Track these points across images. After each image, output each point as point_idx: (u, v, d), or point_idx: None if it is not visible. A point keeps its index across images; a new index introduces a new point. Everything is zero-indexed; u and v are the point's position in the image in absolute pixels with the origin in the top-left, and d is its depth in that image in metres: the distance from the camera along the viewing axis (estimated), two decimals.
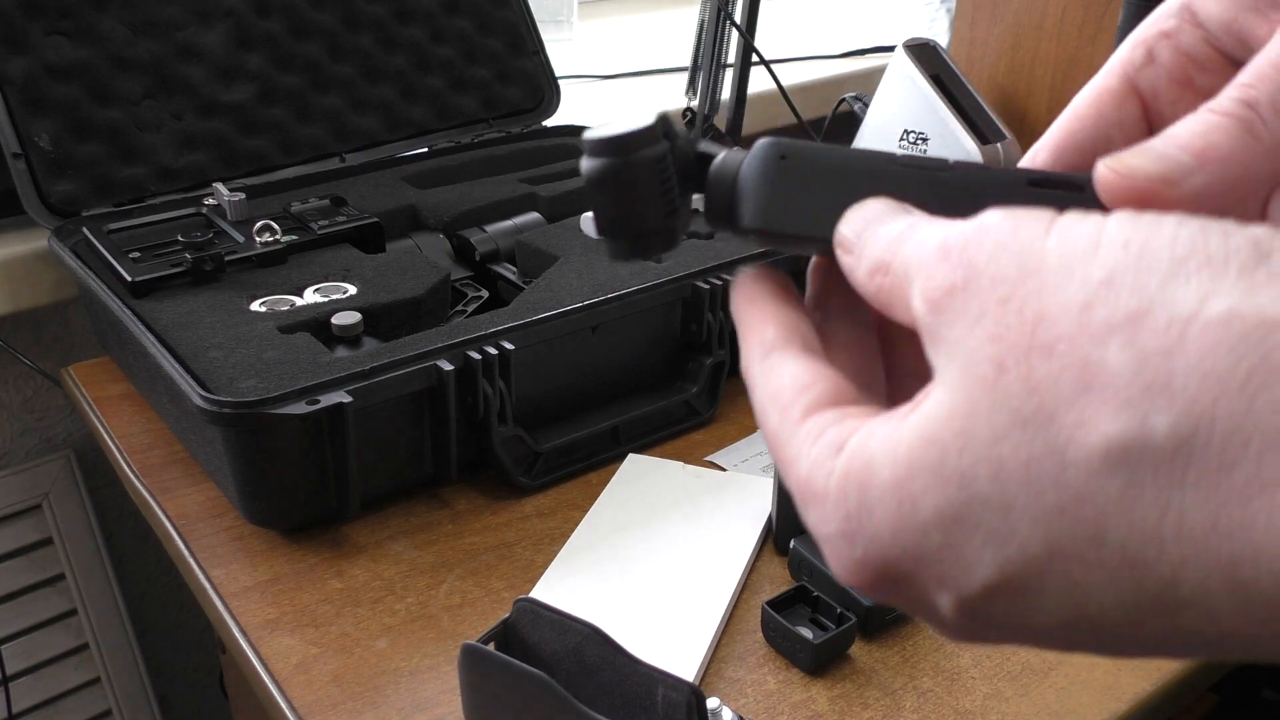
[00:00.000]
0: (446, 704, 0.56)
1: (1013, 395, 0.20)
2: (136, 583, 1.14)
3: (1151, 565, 0.19)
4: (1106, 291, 0.20)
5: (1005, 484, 0.20)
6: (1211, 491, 0.18)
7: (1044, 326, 0.20)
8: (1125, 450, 0.19)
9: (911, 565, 0.22)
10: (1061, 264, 0.20)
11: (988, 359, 0.21)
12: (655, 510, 0.69)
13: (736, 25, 1.13)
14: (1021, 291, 0.21)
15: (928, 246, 0.23)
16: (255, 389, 0.64)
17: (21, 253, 0.91)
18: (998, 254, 0.21)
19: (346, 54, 1.01)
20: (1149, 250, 0.20)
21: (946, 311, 0.22)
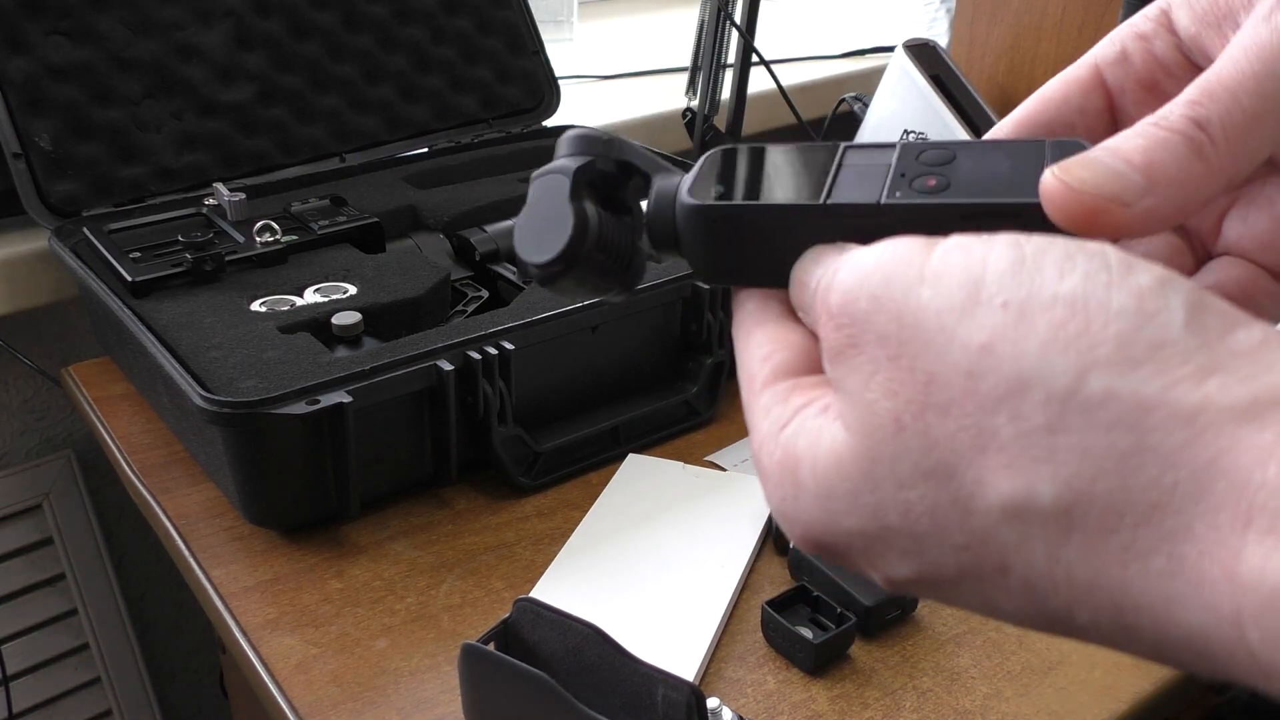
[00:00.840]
0: (446, 704, 0.56)
1: (913, 449, 0.22)
2: (136, 583, 1.14)
3: (1050, 596, 0.21)
4: (987, 358, 0.21)
5: (914, 522, 0.22)
6: (1092, 554, 0.20)
7: (935, 388, 0.21)
8: (1018, 510, 0.20)
9: (844, 551, 0.24)
10: (940, 324, 0.21)
11: (886, 413, 0.22)
12: (655, 510, 0.69)
13: (736, 25, 1.13)
14: (908, 351, 0.22)
15: (821, 306, 0.24)
16: (255, 389, 0.64)
17: (22, 253, 0.91)
18: (876, 311, 0.22)
19: (346, 54, 1.01)
20: (1026, 315, 0.20)
21: (842, 369, 0.23)
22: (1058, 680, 0.58)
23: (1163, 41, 0.29)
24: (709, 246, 0.29)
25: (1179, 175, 0.23)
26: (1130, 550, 0.19)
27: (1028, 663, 0.59)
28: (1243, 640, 0.19)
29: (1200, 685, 0.61)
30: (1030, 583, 0.21)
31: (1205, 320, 0.20)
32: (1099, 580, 0.20)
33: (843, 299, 0.23)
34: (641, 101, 1.28)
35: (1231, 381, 0.19)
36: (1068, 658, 0.60)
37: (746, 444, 0.78)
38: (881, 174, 0.27)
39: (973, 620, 0.62)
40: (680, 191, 0.29)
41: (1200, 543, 0.19)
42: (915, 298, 0.22)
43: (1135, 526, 0.19)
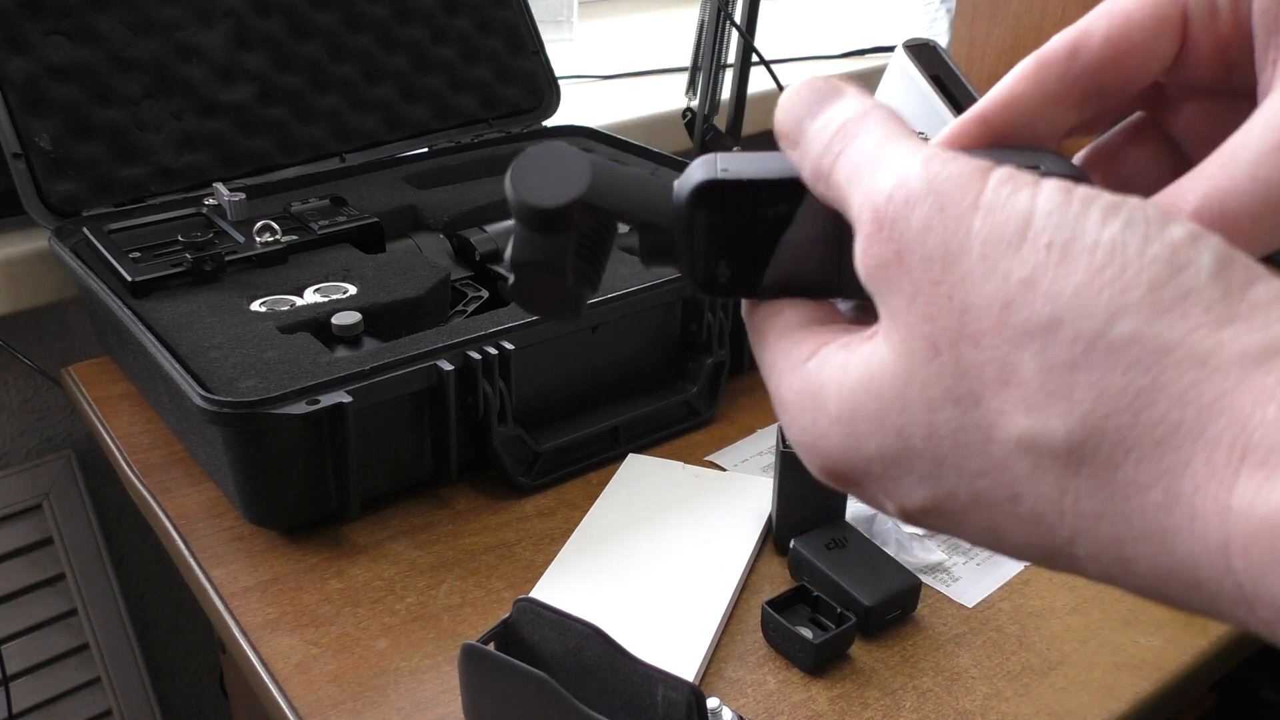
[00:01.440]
0: (446, 704, 0.56)
1: (945, 375, 0.22)
2: (136, 583, 1.14)
3: (1055, 527, 0.22)
4: (1025, 293, 0.21)
5: (938, 445, 0.23)
6: (1099, 487, 0.21)
7: (970, 317, 0.22)
8: (1033, 443, 0.22)
9: (861, 478, 0.25)
10: (984, 254, 0.22)
11: (924, 337, 0.23)
12: (655, 510, 0.69)
13: (736, 25, 1.13)
14: (950, 278, 0.22)
15: (865, 208, 0.24)
16: (255, 389, 0.64)
17: (21, 253, 0.91)
18: (926, 232, 0.23)
19: (346, 54, 1.01)
20: (1069, 256, 0.21)
21: (884, 283, 0.23)
22: (1058, 680, 0.58)
23: (1247, 5, 0.28)
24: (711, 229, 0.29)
25: None
26: (1133, 484, 0.20)
27: (1028, 663, 0.59)
28: (1230, 570, 0.19)
29: (1200, 685, 0.61)
30: (1038, 513, 0.22)
31: (1231, 273, 0.21)
32: (1103, 513, 0.21)
33: (893, 215, 0.23)
34: (641, 101, 1.28)
35: (1245, 329, 0.20)
36: (1068, 658, 0.60)
37: (746, 444, 0.78)
38: None
39: (973, 620, 0.62)
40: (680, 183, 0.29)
41: (1196, 478, 0.20)
42: (966, 225, 0.22)
43: (1139, 462, 0.20)
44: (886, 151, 0.24)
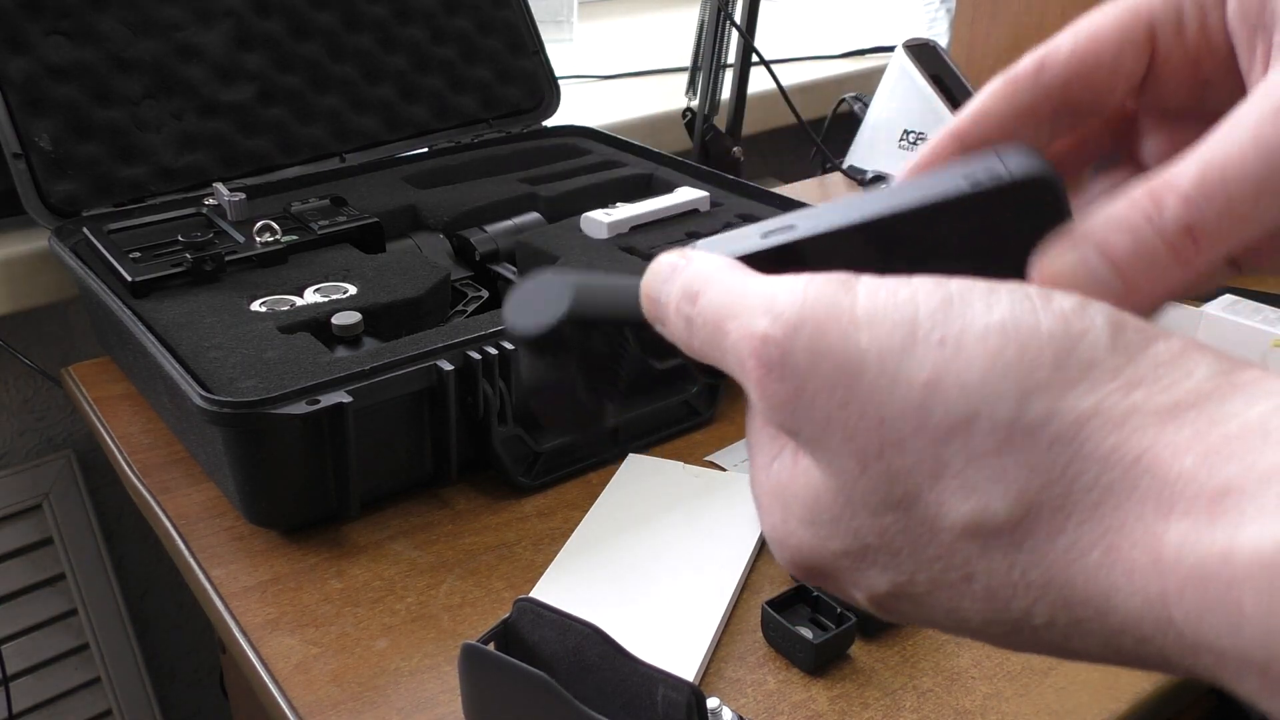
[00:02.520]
0: (446, 704, 0.56)
1: (879, 484, 0.23)
2: (136, 583, 1.14)
3: (1010, 601, 0.23)
4: (933, 394, 0.22)
5: (890, 541, 0.24)
6: (1043, 556, 0.22)
7: (889, 428, 0.23)
8: (977, 526, 0.22)
9: (830, 571, 0.26)
10: (882, 366, 0.23)
11: (849, 455, 0.23)
12: (655, 510, 0.69)
13: (736, 25, 1.14)
14: (857, 397, 0.23)
15: (745, 356, 0.24)
16: (255, 389, 0.64)
17: (21, 253, 0.91)
18: (815, 361, 0.23)
19: (346, 54, 1.01)
20: (963, 347, 0.22)
21: (792, 418, 0.24)
22: (1058, 680, 0.58)
23: (1216, 15, 0.27)
24: None
25: (1158, 284, 0.24)
26: (1074, 549, 0.21)
27: (1028, 663, 0.59)
28: (1170, 621, 0.20)
29: (1200, 685, 0.61)
30: (992, 589, 0.23)
31: (1126, 336, 0.22)
32: (1051, 580, 0.22)
33: (778, 352, 0.24)
34: (641, 101, 1.28)
35: (1155, 390, 0.21)
36: None
37: (746, 444, 0.78)
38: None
39: None
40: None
41: (1130, 534, 0.20)
42: (854, 344, 0.23)
43: (1079, 525, 0.21)
44: (738, 295, 0.25)
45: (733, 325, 0.25)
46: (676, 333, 0.27)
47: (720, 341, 0.25)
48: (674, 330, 0.27)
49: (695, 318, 0.26)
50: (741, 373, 0.25)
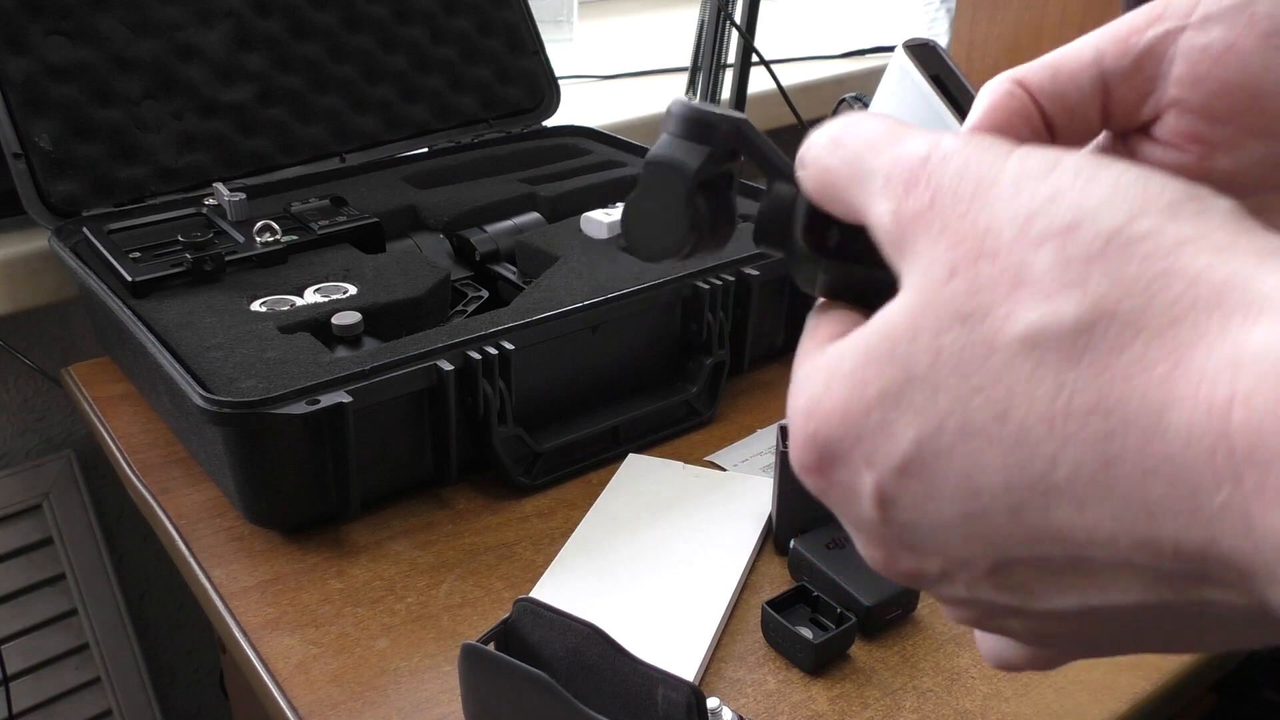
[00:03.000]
0: (446, 704, 0.56)
1: (958, 295, 0.23)
2: (136, 583, 1.14)
3: (1039, 444, 0.21)
4: (1048, 205, 0.22)
5: (940, 368, 0.23)
6: (1101, 370, 0.21)
7: (990, 235, 0.22)
8: (1038, 334, 0.21)
9: (851, 443, 0.24)
10: (1014, 182, 0.23)
11: (943, 264, 0.23)
12: (655, 510, 0.69)
13: (736, 25, 1.14)
14: (977, 205, 0.23)
15: (897, 171, 0.25)
16: (255, 389, 0.64)
17: (22, 253, 0.91)
18: (961, 175, 0.23)
19: (346, 54, 1.01)
20: (1095, 179, 0.22)
21: (912, 232, 0.24)
22: (1058, 680, 0.58)
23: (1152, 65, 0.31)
24: (817, 281, 0.30)
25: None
26: (1138, 363, 0.20)
27: None
28: (1224, 435, 0.19)
29: (1200, 685, 0.61)
30: (1025, 430, 0.21)
31: (1240, 212, 0.22)
32: (1098, 404, 0.21)
33: (926, 171, 0.24)
34: (641, 101, 1.28)
35: (1260, 237, 0.21)
36: None
37: (746, 444, 0.78)
38: None
39: None
40: (795, 231, 0.30)
41: (1208, 344, 0.20)
42: (1000, 163, 0.23)
43: (1148, 341, 0.20)
44: (899, 132, 0.25)
45: (887, 149, 0.25)
46: (816, 168, 0.27)
47: (867, 163, 0.25)
48: (812, 167, 0.27)
49: (845, 139, 0.26)
50: (880, 191, 0.25)
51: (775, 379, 0.87)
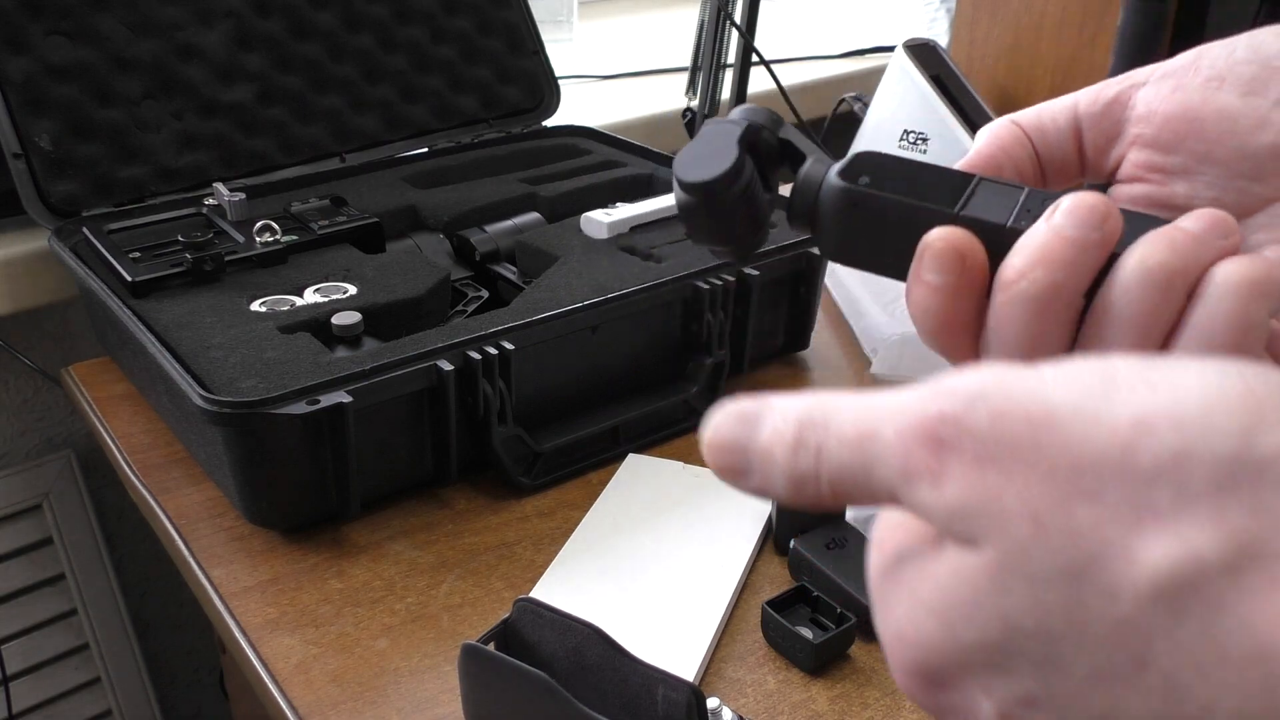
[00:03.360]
0: (446, 704, 0.56)
1: (1053, 546, 0.20)
2: (136, 583, 1.14)
3: (1190, 690, 0.19)
4: (1143, 433, 0.20)
5: (1050, 623, 0.20)
6: (1254, 612, 0.19)
7: (1081, 475, 0.20)
8: (1172, 578, 0.19)
9: (957, 672, 0.22)
10: (1078, 412, 0.20)
11: (1021, 516, 0.21)
12: (655, 510, 0.69)
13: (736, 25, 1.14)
14: (1045, 446, 0.20)
15: (910, 439, 0.22)
16: (255, 389, 0.64)
17: (21, 253, 0.91)
18: (999, 420, 0.21)
19: (346, 54, 1.01)
20: (1178, 389, 0.20)
21: (965, 490, 0.21)
22: None
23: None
24: (844, 225, 0.33)
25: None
26: None
27: None
28: None
29: None
30: (1171, 674, 0.19)
31: None
32: (1259, 649, 0.18)
33: (954, 428, 0.22)
34: (641, 101, 1.28)
35: None
36: None
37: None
38: (1009, 205, 0.31)
39: None
40: (830, 173, 0.33)
41: None
42: (1044, 398, 0.21)
43: None
44: (884, 402, 0.23)
45: (887, 427, 0.22)
46: (789, 472, 0.24)
47: (869, 450, 0.23)
48: (783, 471, 0.24)
49: (826, 440, 0.23)
50: (901, 473, 0.22)
51: (775, 379, 0.87)
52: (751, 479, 0.25)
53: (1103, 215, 0.29)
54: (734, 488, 0.26)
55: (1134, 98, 0.35)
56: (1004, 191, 0.32)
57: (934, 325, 0.31)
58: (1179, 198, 0.34)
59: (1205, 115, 0.33)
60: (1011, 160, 0.36)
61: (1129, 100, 0.35)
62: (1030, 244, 0.30)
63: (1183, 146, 0.34)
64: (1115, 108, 0.35)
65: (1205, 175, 0.34)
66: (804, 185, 0.34)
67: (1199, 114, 0.33)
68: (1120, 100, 0.35)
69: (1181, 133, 0.34)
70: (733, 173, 0.33)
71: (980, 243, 0.31)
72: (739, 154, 0.34)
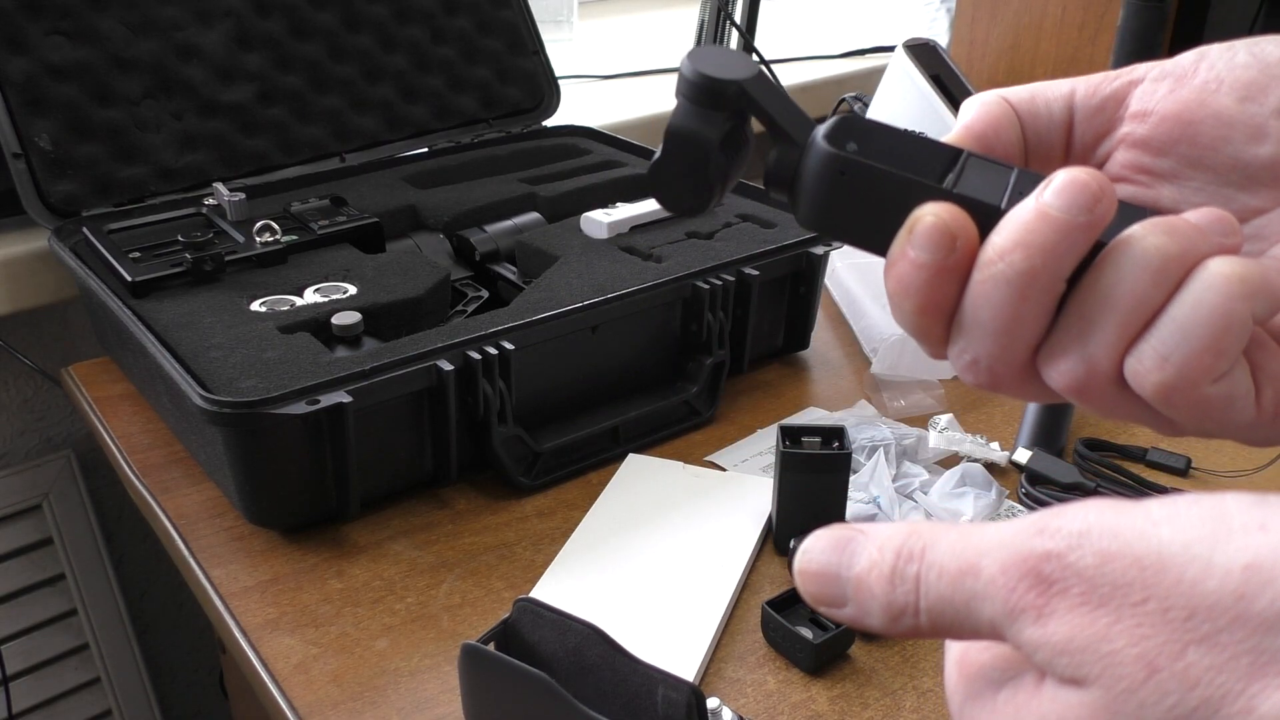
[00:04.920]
0: (446, 704, 0.56)
1: (1168, 692, 0.20)
2: (136, 583, 1.14)
3: None
4: (1256, 577, 0.20)
5: None
6: None
7: (1196, 622, 0.20)
8: None
9: None
10: (1190, 556, 0.20)
11: (1134, 660, 0.20)
12: (655, 510, 0.69)
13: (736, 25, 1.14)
14: (1157, 591, 0.20)
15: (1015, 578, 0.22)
16: (255, 389, 0.64)
17: (21, 253, 0.91)
18: (1107, 561, 0.21)
19: (346, 54, 1.01)
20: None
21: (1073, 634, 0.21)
22: None
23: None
24: (827, 193, 0.31)
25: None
26: None
27: None
28: None
29: None
30: None
31: None
32: None
33: (1059, 566, 0.22)
34: (641, 101, 1.28)
35: None
36: None
37: (746, 444, 0.78)
38: (1001, 184, 0.30)
39: None
40: (816, 136, 0.31)
41: None
42: (1154, 539, 0.21)
43: None
44: (981, 536, 0.23)
45: (989, 562, 0.22)
46: (886, 604, 0.24)
47: (970, 585, 0.23)
48: (880, 603, 0.24)
49: (925, 573, 0.23)
50: (1004, 609, 0.22)
51: (775, 379, 0.87)
52: (847, 609, 0.25)
53: (1095, 196, 0.28)
54: (827, 617, 0.26)
55: (1131, 94, 0.34)
56: (995, 170, 0.31)
57: (914, 304, 0.30)
58: (1165, 201, 0.33)
59: (1200, 119, 0.32)
60: (1001, 141, 0.34)
61: (1125, 98, 0.34)
62: (1014, 223, 0.28)
63: (1175, 150, 0.32)
64: (1111, 104, 0.34)
65: (1195, 181, 0.32)
66: (787, 147, 0.32)
67: (1194, 118, 0.32)
68: (1117, 97, 0.34)
69: (1175, 136, 0.32)
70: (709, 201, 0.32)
71: (973, 223, 0.29)
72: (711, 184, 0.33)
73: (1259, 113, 0.31)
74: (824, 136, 0.31)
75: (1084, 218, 0.27)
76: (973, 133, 0.34)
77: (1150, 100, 0.33)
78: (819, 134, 0.31)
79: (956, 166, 0.31)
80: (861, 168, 0.30)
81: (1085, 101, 0.34)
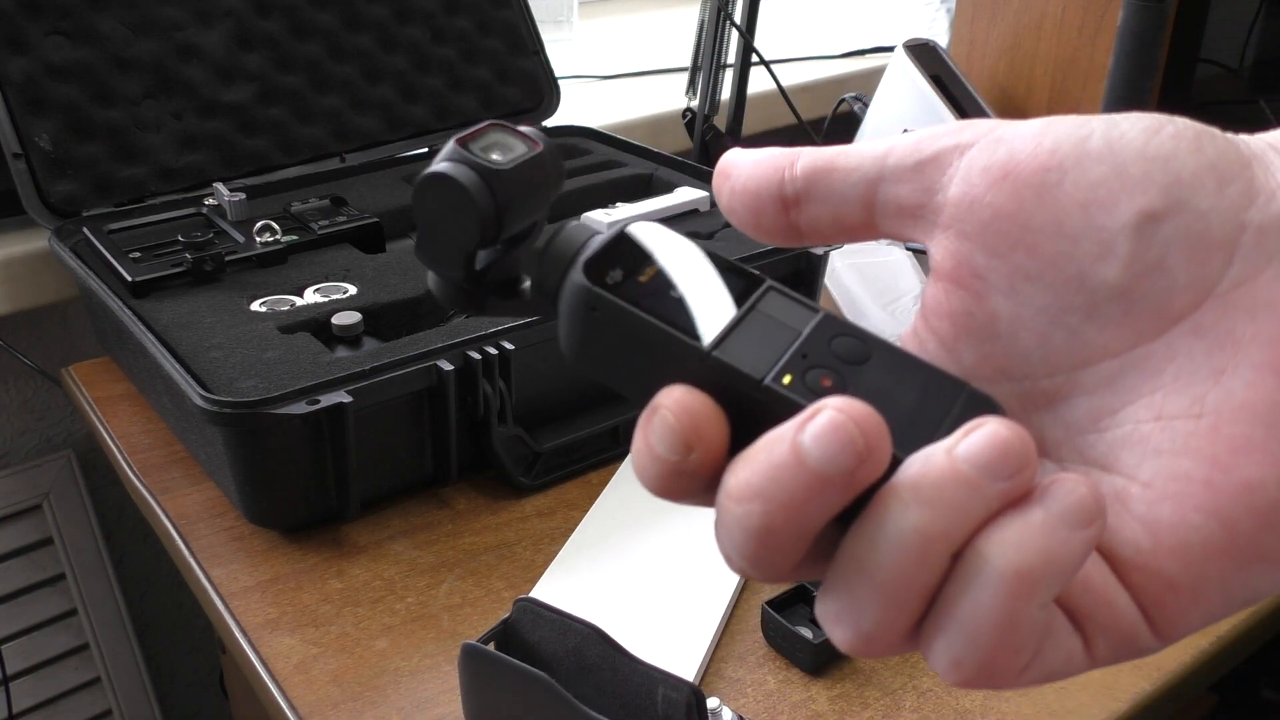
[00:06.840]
0: (446, 704, 0.56)
1: None
2: (136, 583, 1.14)
3: None
4: None
5: None
6: None
7: None
8: None
9: None
10: None
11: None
12: (655, 510, 0.69)
13: (736, 25, 1.14)
14: None
15: None
16: (255, 389, 0.64)
17: (21, 253, 0.91)
18: None
19: (346, 54, 1.01)
20: None
21: None
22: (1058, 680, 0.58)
23: None
24: (581, 331, 0.26)
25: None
26: None
27: None
28: None
29: (1200, 685, 0.61)
30: None
31: None
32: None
33: None
34: (641, 101, 1.28)
35: None
36: None
37: None
38: (785, 343, 0.25)
39: None
40: (578, 260, 0.26)
41: None
42: None
43: None
44: None
45: None
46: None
47: None
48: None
49: None
50: None
51: None
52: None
53: (861, 454, 0.22)
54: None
55: (956, 164, 0.27)
56: (789, 313, 0.26)
57: (659, 491, 0.26)
58: (1001, 322, 0.26)
59: (1038, 225, 0.25)
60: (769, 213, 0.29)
61: (949, 164, 0.27)
62: (759, 460, 0.23)
63: (1010, 257, 0.26)
64: (931, 169, 0.27)
65: (1032, 299, 0.26)
66: (553, 257, 0.27)
67: (1032, 222, 0.26)
68: (939, 161, 0.27)
69: (1011, 240, 0.26)
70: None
71: (723, 412, 0.25)
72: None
73: (1107, 227, 0.25)
74: (586, 261, 0.26)
75: (846, 469, 0.22)
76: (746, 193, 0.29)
77: (979, 184, 0.26)
78: (582, 257, 0.26)
79: (745, 307, 0.26)
80: (614, 309, 0.26)
81: (900, 162, 0.28)
